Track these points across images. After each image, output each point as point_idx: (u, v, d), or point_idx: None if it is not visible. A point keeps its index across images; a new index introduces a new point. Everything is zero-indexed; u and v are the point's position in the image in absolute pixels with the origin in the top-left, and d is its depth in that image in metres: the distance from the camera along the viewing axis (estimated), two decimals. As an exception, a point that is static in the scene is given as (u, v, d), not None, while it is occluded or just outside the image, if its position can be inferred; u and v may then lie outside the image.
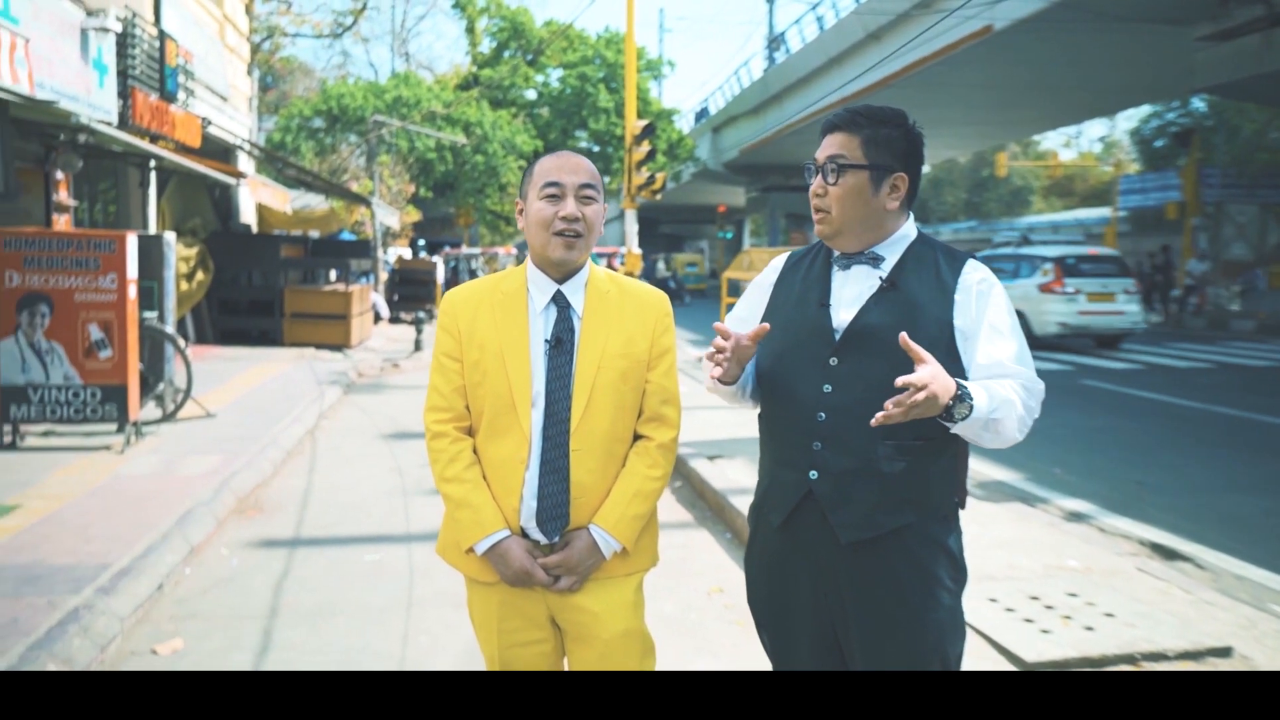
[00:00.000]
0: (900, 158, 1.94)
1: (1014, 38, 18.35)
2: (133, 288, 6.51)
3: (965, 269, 1.95)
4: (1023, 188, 54.97)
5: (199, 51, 12.90)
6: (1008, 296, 1.96)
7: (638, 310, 2.10)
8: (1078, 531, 5.14)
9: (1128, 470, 7.04)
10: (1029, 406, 1.87)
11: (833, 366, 1.92)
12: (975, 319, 1.90)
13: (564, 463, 2.01)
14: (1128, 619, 3.74)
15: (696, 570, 4.71)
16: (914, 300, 1.91)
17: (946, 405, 1.72)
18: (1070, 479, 6.67)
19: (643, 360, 2.08)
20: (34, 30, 7.71)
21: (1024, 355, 1.91)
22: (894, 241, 1.98)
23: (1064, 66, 20.82)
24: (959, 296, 1.91)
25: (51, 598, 3.74)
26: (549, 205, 2.01)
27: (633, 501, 2.05)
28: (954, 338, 1.90)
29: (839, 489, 1.89)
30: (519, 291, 2.08)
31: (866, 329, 1.91)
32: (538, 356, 2.03)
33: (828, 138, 1.97)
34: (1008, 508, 5.55)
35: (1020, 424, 1.84)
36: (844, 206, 1.93)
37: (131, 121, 10.04)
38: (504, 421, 2.02)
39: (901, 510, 1.88)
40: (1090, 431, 8.62)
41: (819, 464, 1.91)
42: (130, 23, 10.16)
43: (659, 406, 2.11)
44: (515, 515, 2.02)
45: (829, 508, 1.90)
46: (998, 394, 1.81)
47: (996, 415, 1.80)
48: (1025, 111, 26.97)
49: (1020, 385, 1.86)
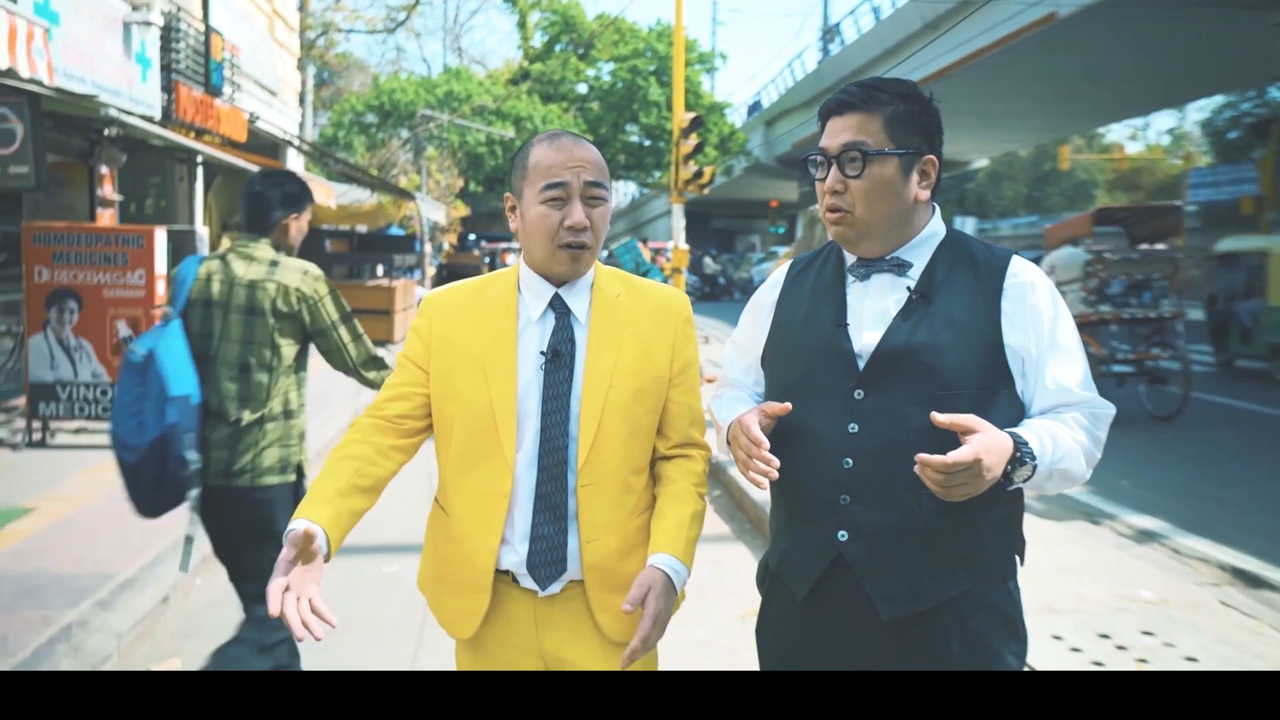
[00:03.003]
0: (926, 136, 1.61)
1: (1079, 25, 17.60)
2: (161, 284, 6.38)
3: (1010, 271, 1.60)
4: (1086, 181, 53.36)
5: (247, 46, 12.88)
6: (1060, 297, 1.63)
7: (654, 316, 1.76)
8: (1150, 555, 4.72)
9: (1203, 484, 6.56)
10: (1097, 439, 1.57)
11: (858, 401, 1.57)
12: (1032, 335, 1.57)
13: (563, 500, 1.67)
14: (1213, 664, 3.34)
15: (730, 590, 4.40)
16: (951, 315, 1.57)
17: (1005, 471, 1.43)
18: (1140, 492, 6.21)
19: (662, 377, 1.74)
20: (74, 24, 7.66)
21: (1088, 377, 1.60)
22: (921, 242, 1.64)
23: (1131, 55, 19.97)
24: (1007, 306, 1.57)
25: (47, 612, 3.57)
26: (552, 211, 1.66)
27: (693, 524, 1.71)
28: (1006, 359, 1.56)
29: (876, 553, 1.55)
30: (509, 295, 1.74)
31: (897, 353, 1.56)
32: (529, 372, 1.69)
33: (837, 121, 1.61)
34: (1071, 526, 5.15)
35: (1089, 462, 1.56)
36: (871, 204, 1.58)
37: (175, 116, 10.01)
38: (482, 448, 1.68)
39: (954, 575, 1.54)
40: (1161, 439, 8.10)
41: (849, 522, 1.56)
42: (174, 17, 10.12)
43: (688, 430, 1.79)
44: (492, 556, 1.68)
45: (865, 576, 1.56)
46: (1062, 438, 1.50)
47: (1063, 466, 1.49)
48: (1089, 103, 26.04)
49: (1086, 416, 1.56)
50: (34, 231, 6.22)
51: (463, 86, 27.32)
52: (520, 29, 32.46)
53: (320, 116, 31.79)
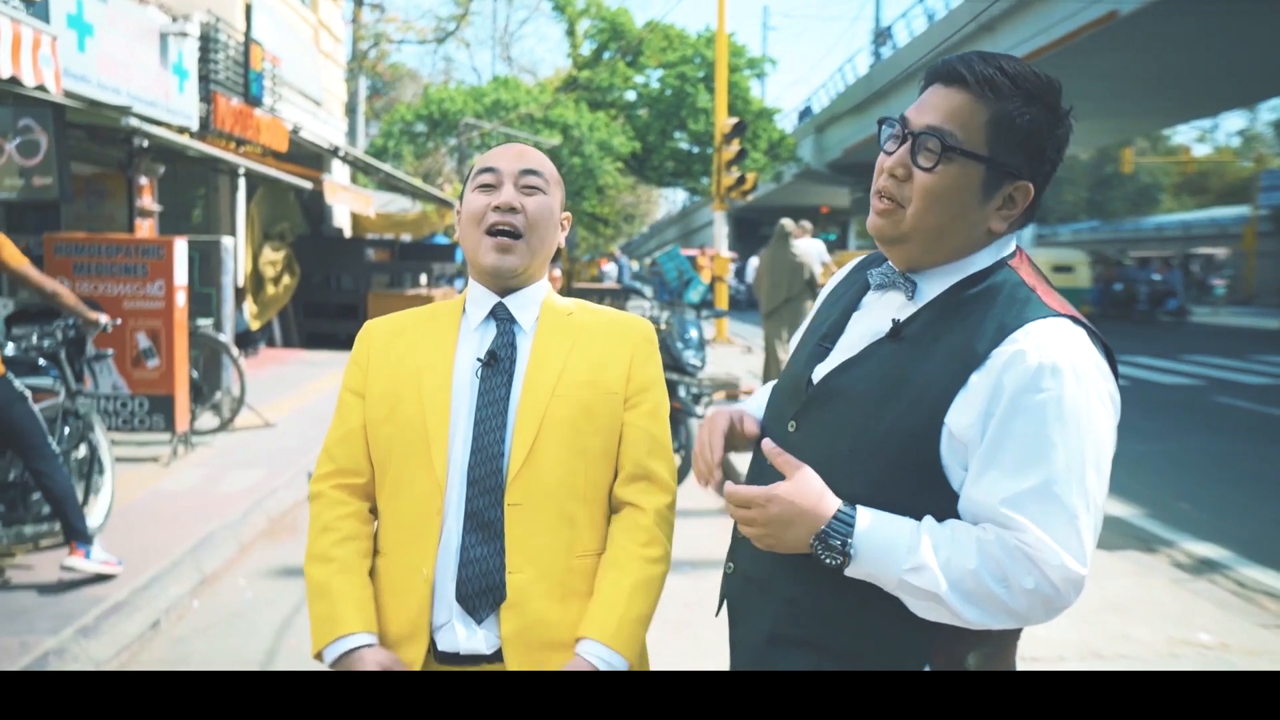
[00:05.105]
0: (1034, 156, 1.26)
1: (1141, 23, 16.94)
2: (181, 295, 6.32)
3: (1011, 337, 1.20)
4: (1150, 185, 51.76)
5: (290, 57, 12.95)
6: (1078, 399, 1.17)
7: (609, 332, 1.61)
8: (1209, 591, 4.34)
9: (1270, 507, 6.09)
10: (1002, 579, 1.15)
11: (790, 433, 1.37)
12: (979, 421, 1.19)
13: (497, 515, 1.48)
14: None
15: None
16: (910, 369, 1.25)
17: (810, 544, 1.22)
18: (1200, 516, 5.79)
19: (615, 394, 1.55)
20: (108, 35, 7.68)
21: (1050, 503, 1.15)
22: (957, 270, 1.30)
23: (1198, 53, 19.20)
24: (975, 379, 1.20)
25: (26, 638, 3.44)
26: (482, 196, 1.57)
27: (634, 599, 1.50)
28: (937, 440, 1.22)
29: (741, 599, 1.45)
30: (454, 310, 1.63)
31: (832, 394, 1.32)
32: (464, 378, 1.53)
33: (937, 92, 1.27)
34: (1123, 556, 4.77)
35: (969, 599, 1.16)
36: (928, 208, 1.25)
37: (213, 126, 10.04)
38: (415, 461, 1.51)
39: (797, 651, 1.32)
40: (1223, 458, 7.60)
41: (736, 556, 1.47)
42: (213, 27, 10.16)
43: (645, 460, 1.56)
44: (426, 588, 1.47)
45: (731, 619, 1.48)
46: (932, 550, 1.17)
47: (914, 580, 1.17)
48: (1153, 103, 25.19)
49: (1007, 547, 1.15)
50: (55, 243, 6.19)
51: (510, 95, 27.37)
52: (569, 37, 32.47)
53: (373, 127, 32.15)
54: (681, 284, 13.22)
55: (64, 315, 4.48)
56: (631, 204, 49.72)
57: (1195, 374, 12.76)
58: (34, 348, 4.39)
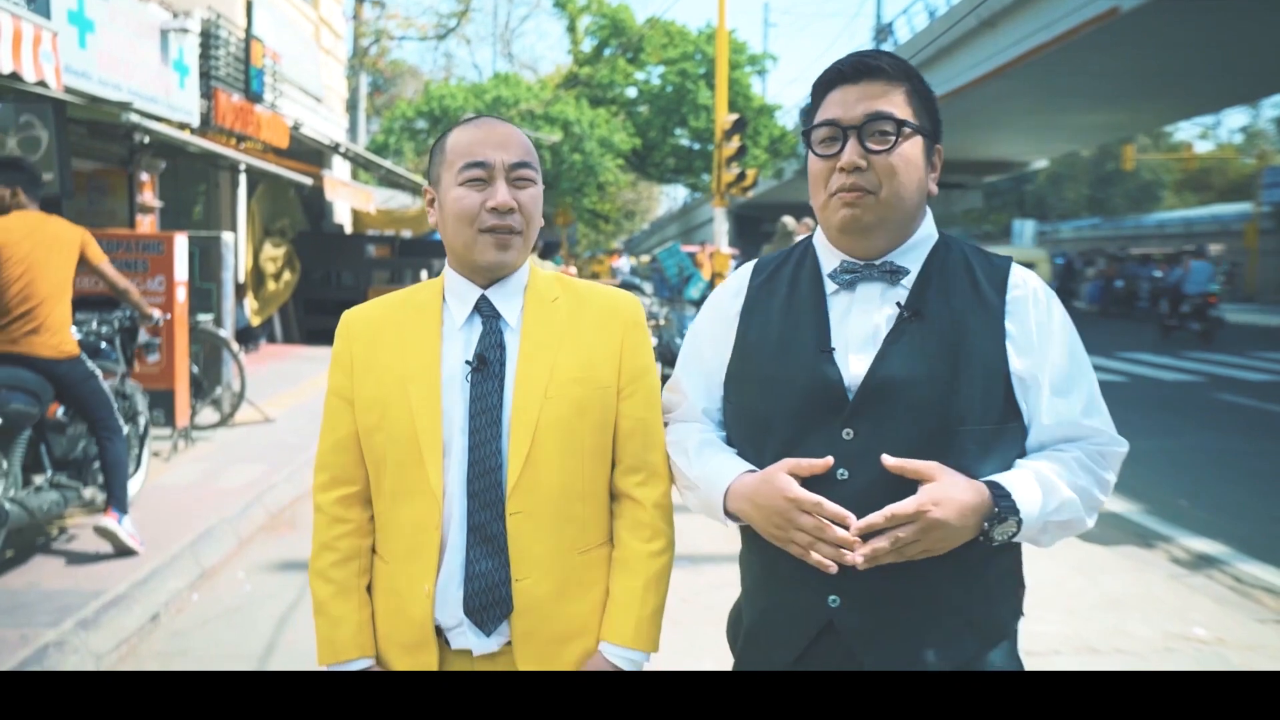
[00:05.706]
0: (937, 123, 1.44)
1: (1143, 19, 16.90)
2: (181, 290, 6.33)
3: (1011, 282, 1.40)
4: (1152, 182, 51.66)
5: (291, 53, 12.95)
6: (1062, 307, 1.43)
7: (598, 321, 1.56)
8: (1206, 586, 4.34)
9: (1270, 504, 6.09)
10: (1102, 481, 1.37)
11: (847, 442, 1.33)
12: (1036, 357, 1.36)
13: (500, 528, 1.47)
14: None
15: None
16: (950, 337, 1.33)
17: (982, 529, 1.23)
18: (1199, 513, 5.79)
19: (609, 387, 1.54)
20: (109, 32, 7.68)
21: (1096, 403, 1.39)
22: (916, 244, 1.42)
23: (1200, 50, 19.14)
24: (1010, 326, 1.36)
25: (26, 630, 3.45)
26: (472, 193, 1.49)
27: (646, 597, 1.53)
28: (1014, 389, 1.35)
29: (872, 620, 1.33)
30: (433, 303, 1.57)
31: (889, 385, 1.32)
32: (453, 385, 1.50)
33: (852, 89, 1.38)
34: (1121, 551, 4.78)
35: (1091, 510, 1.36)
36: (899, 184, 1.36)
37: (214, 122, 10.04)
38: (410, 475, 1.49)
39: (959, 642, 1.33)
40: (1224, 455, 7.60)
41: (840, 585, 1.33)
42: (213, 23, 10.17)
43: (642, 452, 1.56)
44: (428, 603, 1.47)
45: (859, 646, 1.35)
46: (1058, 484, 1.28)
47: (1059, 518, 1.27)
48: (1155, 100, 25.09)
49: (1090, 455, 1.37)
50: (57, 238, 6.19)
51: (511, 92, 27.34)
52: (570, 33, 32.45)
53: (373, 123, 32.13)
54: (682, 280, 13.23)
55: (122, 306, 4.98)
56: (632, 201, 49.72)
57: (1195, 370, 12.76)
58: (94, 333, 4.83)
